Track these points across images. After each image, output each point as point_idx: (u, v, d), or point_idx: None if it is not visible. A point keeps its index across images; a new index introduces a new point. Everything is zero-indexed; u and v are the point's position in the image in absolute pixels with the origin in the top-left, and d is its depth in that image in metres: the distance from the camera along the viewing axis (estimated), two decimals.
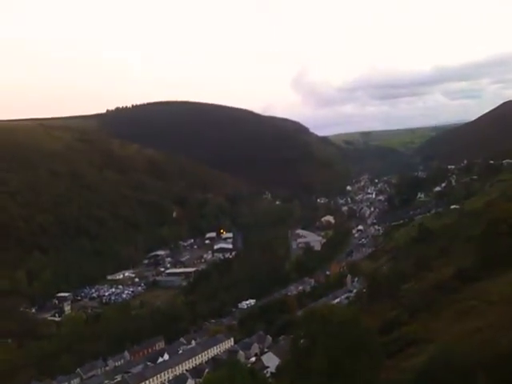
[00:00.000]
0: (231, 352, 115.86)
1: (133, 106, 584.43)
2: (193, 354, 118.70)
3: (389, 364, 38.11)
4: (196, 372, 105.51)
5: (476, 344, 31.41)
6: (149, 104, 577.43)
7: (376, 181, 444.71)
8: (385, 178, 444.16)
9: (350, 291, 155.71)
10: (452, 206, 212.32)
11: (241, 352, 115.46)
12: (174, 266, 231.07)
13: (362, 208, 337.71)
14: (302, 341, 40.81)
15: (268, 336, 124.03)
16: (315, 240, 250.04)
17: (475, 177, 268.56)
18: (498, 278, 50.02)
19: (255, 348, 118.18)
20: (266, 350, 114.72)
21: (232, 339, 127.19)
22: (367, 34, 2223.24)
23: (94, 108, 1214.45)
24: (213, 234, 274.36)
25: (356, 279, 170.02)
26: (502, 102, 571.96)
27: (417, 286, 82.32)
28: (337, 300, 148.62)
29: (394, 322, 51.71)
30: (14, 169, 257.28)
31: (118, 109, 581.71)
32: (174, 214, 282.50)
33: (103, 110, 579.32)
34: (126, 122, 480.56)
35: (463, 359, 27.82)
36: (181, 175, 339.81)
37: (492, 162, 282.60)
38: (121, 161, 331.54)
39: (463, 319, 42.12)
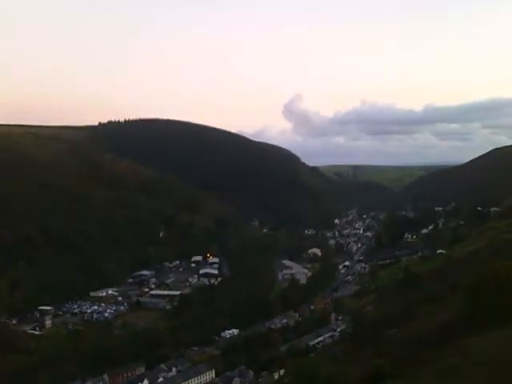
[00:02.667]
0: None
1: (125, 120, 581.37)
2: (173, 383, 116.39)
3: None
4: None
5: None
6: (141, 120, 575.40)
7: (364, 216, 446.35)
8: (372, 214, 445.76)
9: (334, 330, 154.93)
10: (439, 251, 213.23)
11: None
12: (159, 287, 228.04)
13: (350, 243, 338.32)
14: None
15: (250, 371, 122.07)
16: (301, 272, 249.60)
17: (462, 222, 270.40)
18: (482, 336, 49.89)
19: (236, 383, 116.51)
20: None
21: (213, 371, 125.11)
22: (361, 69, 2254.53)
23: (86, 119, 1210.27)
24: (199, 258, 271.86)
25: (340, 317, 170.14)
26: (491, 146, 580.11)
27: (401, 333, 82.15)
28: (320, 338, 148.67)
29: (378, 374, 51.03)
30: (1, 176, 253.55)
31: (110, 122, 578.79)
32: (161, 234, 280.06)
33: (95, 123, 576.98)
34: (118, 136, 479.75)
35: None
36: (169, 195, 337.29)
37: (479, 208, 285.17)
38: (111, 176, 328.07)
39: (445, 379, 41.67)
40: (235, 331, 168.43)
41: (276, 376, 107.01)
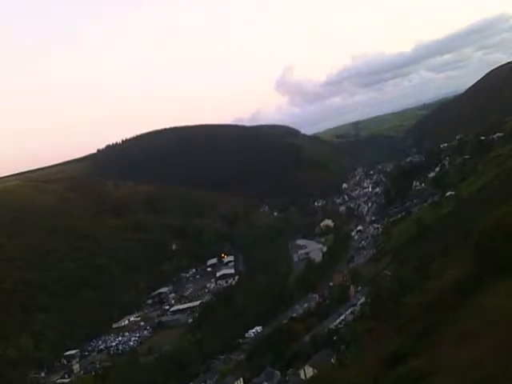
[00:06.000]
0: None
1: (123, 140, 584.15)
2: None
3: None
4: None
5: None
6: (138, 136, 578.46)
7: (371, 172, 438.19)
8: (379, 167, 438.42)
9: (355, 305, 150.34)
10: (448, 193, 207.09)
11: None
12: (179, 301, 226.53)
13: (360, 205, 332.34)
14: None
15: (276, 372, 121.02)
16: (316, 249, 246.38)
17: (468, 156, 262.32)
18: (495, 290, 49.24)
19: None
20: None
21: (241, 379, 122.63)
22: (344, 25, 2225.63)
23: (85, 149, 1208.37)
24: (214, 261, 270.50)
25: (359, 288, 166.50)
26: (487, 67, 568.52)
27: (418, 299, 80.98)
28: (342, 317, 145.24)
29: (398, 354, 50.69)
30: (9, 232, 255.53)
31: (108, 146, 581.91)
32: (174, 247, 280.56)
33: (94, 150, 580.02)
34: (118, 158, 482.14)
35: None
36: (176, 206, 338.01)
37: (483, 137, 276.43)
38: (116, 203, 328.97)
39: (464, 345, 41.41)
40: (259, 328, 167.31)
41: (302, 373, 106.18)
